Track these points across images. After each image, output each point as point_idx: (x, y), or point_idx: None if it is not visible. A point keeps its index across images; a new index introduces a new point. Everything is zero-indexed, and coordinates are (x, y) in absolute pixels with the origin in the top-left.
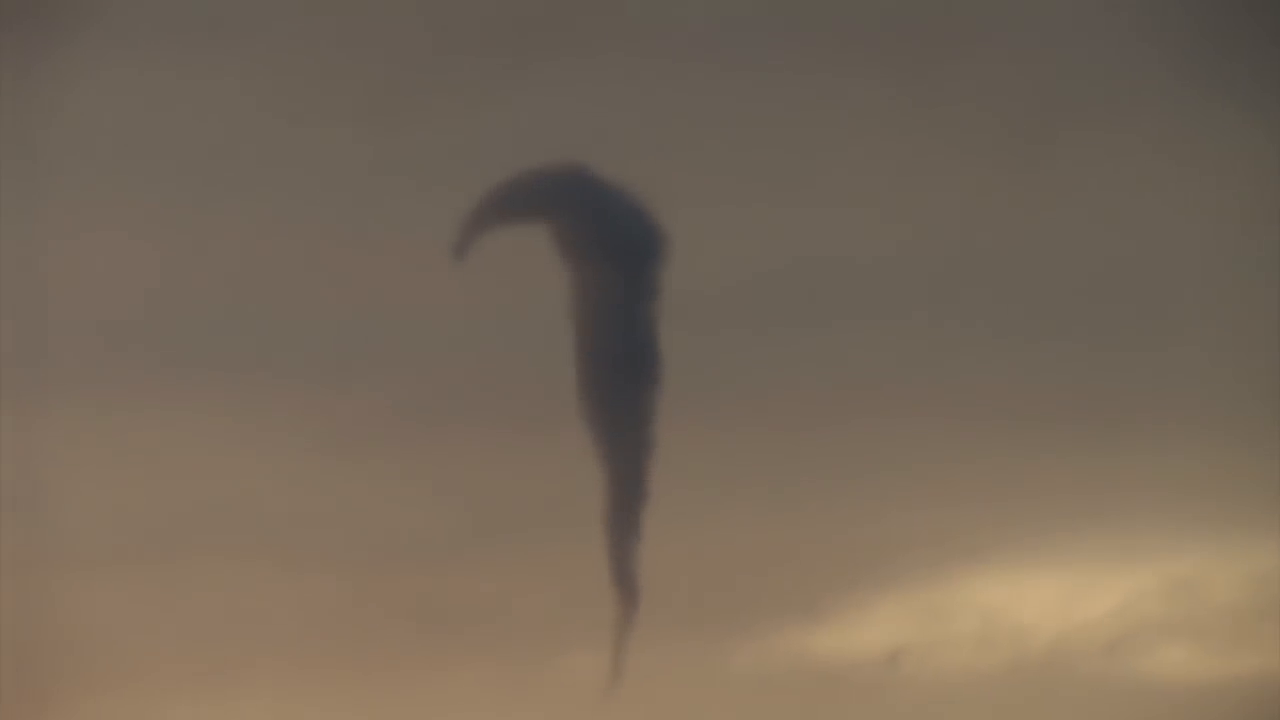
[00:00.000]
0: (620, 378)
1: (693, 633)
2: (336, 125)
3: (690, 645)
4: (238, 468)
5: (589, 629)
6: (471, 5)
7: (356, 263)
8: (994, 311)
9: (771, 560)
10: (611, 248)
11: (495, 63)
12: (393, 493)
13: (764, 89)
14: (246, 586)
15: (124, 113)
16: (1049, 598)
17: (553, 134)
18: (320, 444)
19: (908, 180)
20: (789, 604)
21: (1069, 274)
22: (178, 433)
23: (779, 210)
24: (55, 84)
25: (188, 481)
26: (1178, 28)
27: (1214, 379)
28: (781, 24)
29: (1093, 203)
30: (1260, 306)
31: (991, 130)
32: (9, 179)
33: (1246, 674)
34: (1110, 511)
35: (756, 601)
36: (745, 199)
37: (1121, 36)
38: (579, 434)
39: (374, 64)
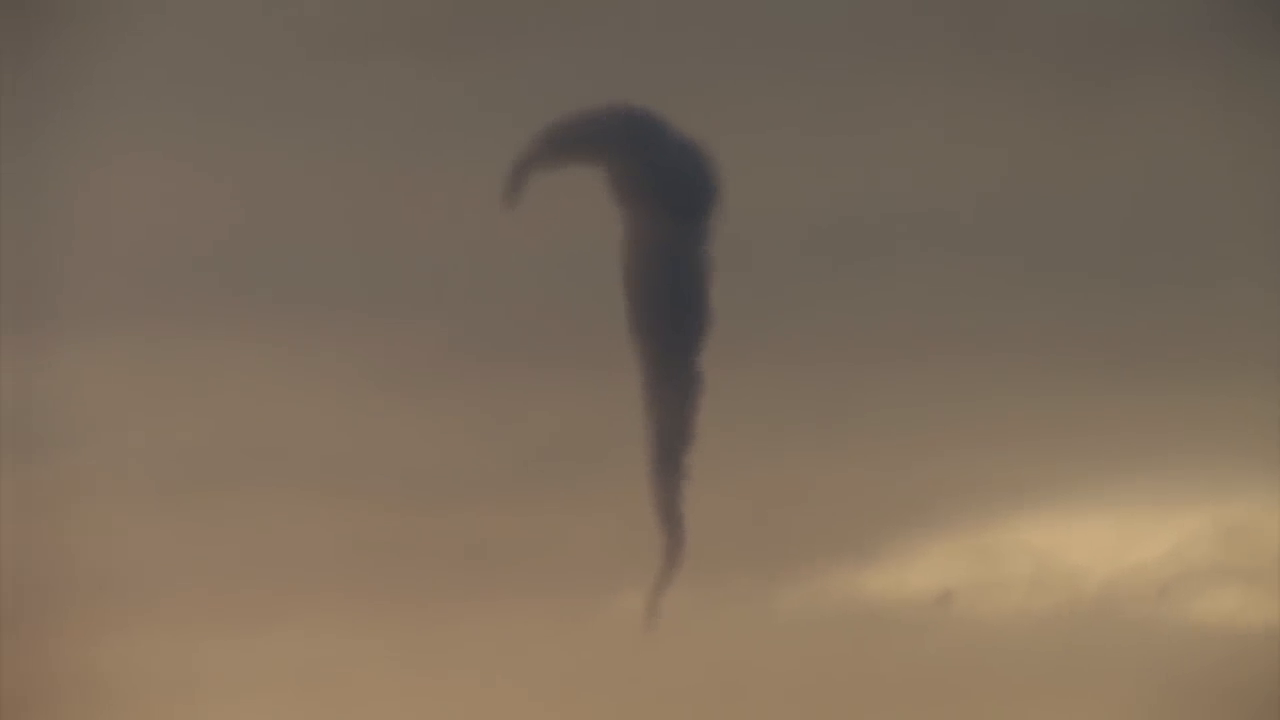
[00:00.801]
0: (670, 318)
1: (742, 573)
2: (392, 61)
3: (740, 585)
4: (286, 402)
5: (638, 567)
6: None
7: (409, 200)
8: (1047, 253)
9: (821, 501)
10: (665, 190)
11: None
12: (442, 430)
13: (819, 33)
14: (294, 521)
15: (175, 49)
16: (1101, 541)
17: (607, 74)
18: (370, 380)
19: (959, 124)
20: (838, 545)
21: (1121, 216)
22: (226, 367)
23: (831, 153)
24: (103, 21)
25: (236, 415)
26: None
27: (1270, 320)
28: None
29: (1146, 146)
30: None
31: (1045, 76)
32: (56, 109)
33: None
34: (1163, 455)
35: (806, 542)
36: (798, 142)
37: None
38: (628, 374)
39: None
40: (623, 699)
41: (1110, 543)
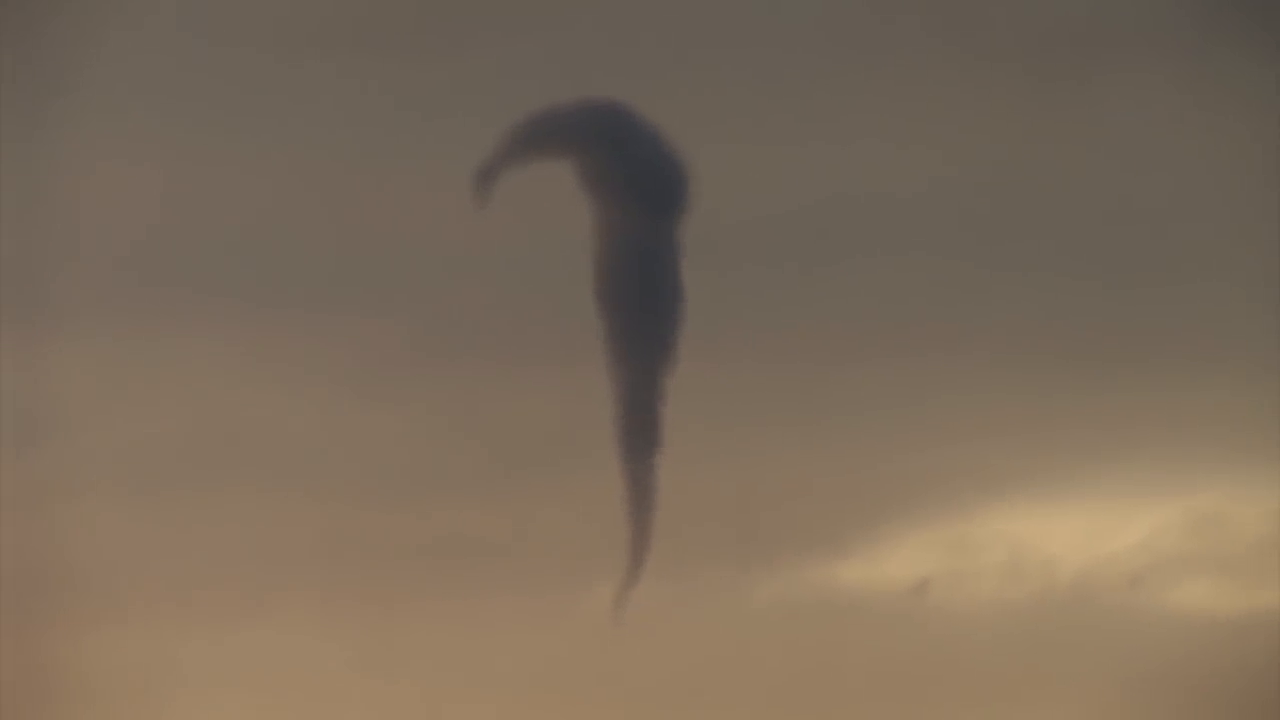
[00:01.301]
0: (642, 313)
1: (718, 565)
2: (361, 56)
3: (715, 577)
4: (258, 401)
5: (610, 562)
6: None
7: (380, 196)
8: (1019, 247)
9: (798, 493)
10: (636, 184)
11: None
12: (413, 426)
13: (794, 28)
14: (265, 519)
15: (143, 45)
16: (1074, 531)
17: (577, 68)
18: (341, 377)
19: (933, 118)
20: (815, 537)
21: (1093, 210)
22: (197, 366)
23: (803, 147)
24: (73, 18)
25: (206, 414)
26: None
27: (1239, 314)
28: None
29: (1120, 141)
30: None
31: (1018, 69)
32: (30, 111)
33: (1269, 607)
34: (1135, 445)
35: (782, 534)
36: (770, 135)
37: None
38: (600, 369)
39: None
40: (598, 691)
41: (1083, 533)
